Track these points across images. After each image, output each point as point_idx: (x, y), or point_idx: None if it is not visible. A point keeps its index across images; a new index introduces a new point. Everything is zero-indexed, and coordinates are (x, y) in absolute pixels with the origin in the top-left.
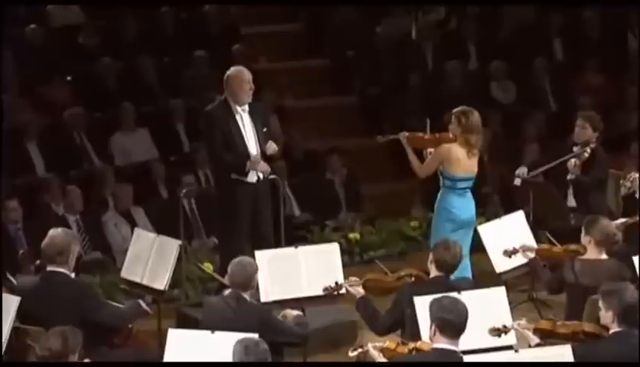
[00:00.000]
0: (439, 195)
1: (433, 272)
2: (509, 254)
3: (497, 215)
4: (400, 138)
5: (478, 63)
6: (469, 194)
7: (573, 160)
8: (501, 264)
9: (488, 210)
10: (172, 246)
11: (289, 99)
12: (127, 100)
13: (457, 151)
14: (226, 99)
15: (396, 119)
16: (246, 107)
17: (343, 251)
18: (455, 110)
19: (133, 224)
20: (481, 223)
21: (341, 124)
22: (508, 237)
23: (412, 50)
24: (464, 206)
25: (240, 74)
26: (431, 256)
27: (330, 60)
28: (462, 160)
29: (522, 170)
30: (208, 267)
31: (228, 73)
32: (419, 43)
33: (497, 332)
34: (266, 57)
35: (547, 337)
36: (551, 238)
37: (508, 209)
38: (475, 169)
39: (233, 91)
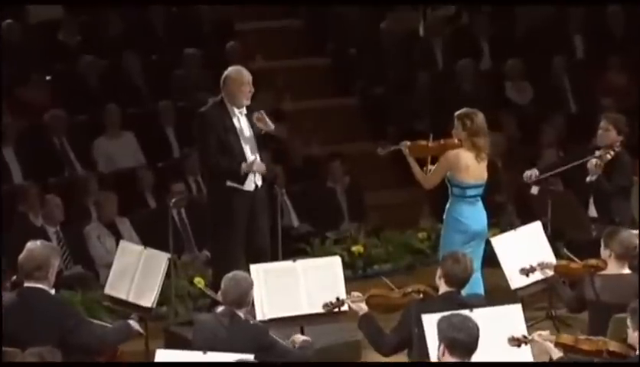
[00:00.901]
0: (447, 204)
1: (442, 288)
2: (526, 272)
3: (512, 226)
4: (402, 149)
5: (492, 62)
6: (480, 203)
7: (594, 160)
8: (517, 279)
9: (502, 221)
10: (160, 260)
11: (287, 101)
12: (112, 101)
13: (465, 156)
14: (223, 101)
15: (402, 122)
16: (244, 110)
17: (345, 265)
18: (457, 113)
19: (118, 236)
20: (494, 234)
21: (343, 127)
22: (524, 250)
23: (420, 48)
24: (475, 215)
25: (240, 75)
26: (440, 270)
27: (331, 59)
28: (471, 166)
29: (531, 173)
30: (199, 282)
31: (227, 73)
32: (428, 40)
33: (517, 342)
34: (263, 55)
35: (569, 352)
36: (569, 254)
37: (524, 220)
38: (485, 175)
39: (232, 92)
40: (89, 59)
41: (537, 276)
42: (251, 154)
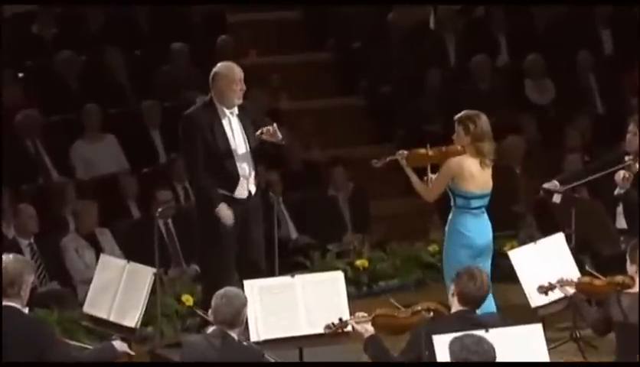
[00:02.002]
0: (450, 217)
1: (455, 306)
2: (544, 290)
3: (531, 239)
4: (398, 159)
5: (510, 58)
6: (485, 215)
7: (621, 172)
8: (537, 296)
9: (521, 232)
10: (145, 275)
11: (284, 101)
12: (91, 101)
13: (469, 163)
14: (212, 100)
15: (411, 124)
16: (236, 110)
17: (348, 281)
18: (458, 116)
19: (98, 249)
20: (512, 247)
21: (345, 130)
22: (545, 264)
23: (430, 42)
24: (480, 229)
25: (230, 72)
26: (453, 287)
27: (332, 54)
28: (476, 174)
29: (552, 185)
30: (188, 300)
31: (216, 69)
32: (439, 33)
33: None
34: (257, 51)
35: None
36: (592, 271)
37: (545, 231)
38: (490, 183)
39: (221, 91)
40: (67, 54)
41: (557, 294)
42: (243, 161)
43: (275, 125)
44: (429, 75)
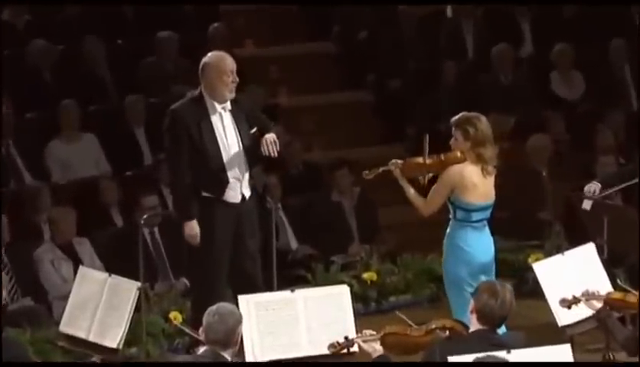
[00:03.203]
0: (448, 230)
1: (474, 325)
2: (568, 304)
3: (559, 250)
4: (391, 169)
5: (535, 48)
6: (487, 229)
7: None
8: (565, 314)
9: (547, 243)
10: (129, 290)
11: (283, 96)
12: (68, 97)
13: (470, 172)
14: (202, 94)
15: (423, 122)
16: (228, 105)
17: (355, 297)
18: (455, 119)
19: (76, 261)
20: (537, 259)
21: (351, 128)
22: (574, 278)
23: (446, 31)
24: (481, 244)
25: (221, 62)
26: (472, 303)
27: (336, 45)
28: (478, 183)
29: (593, 188)
30: (176, 317)
31: (205, 59)
32: (456, 21)
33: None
34: (254, 41)
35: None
36: (625, 286)
37: (575, 241)
38: (493, 193)
39: (211, 83)
40: (41, 44)
41: (585, 310)
42: (234, 161)
43: (273, 136)
44: (444, 67)
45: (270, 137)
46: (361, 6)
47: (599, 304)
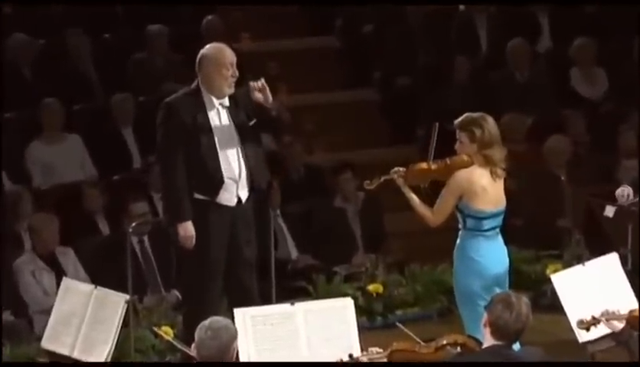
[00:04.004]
0: (458, 241)
1: (488, 340)
2: (586, 326)
3: (579, 260)
4: (394, 178)
5: (553, 43)
6: (500, 237)
7: None
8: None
9: (567, 252)
10: (116, 303)
11: (283, 94)
12: (51, 95)
13: (479, 176)
14: (199, 88)
15: (434, 122)
16: (226, 101)
17: (359, 310)
18: (459, 121)
19: (59, 272)
20: (556, 270)
21: (356, 129)
22: (595, 291)
23: (458, 25)
24: (494, 254)
25: (221, 54)
26: (485, 316)
27: (340, 39)
28: (488, 188)
29: (626, 191)
30: (167, 332)
31: (203, 51)
32: (469, 15)
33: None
34: (250, 35)
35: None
36: None
37: (596, 251)
38: (504, 198)
39: (210, 77)
40: (21, 38)
41: (605, 329)
42: (231, 160)
43: (263, 80)
44: (455, 63)
45: (258, 82)
46: (365, 6)
47: (620, 325)
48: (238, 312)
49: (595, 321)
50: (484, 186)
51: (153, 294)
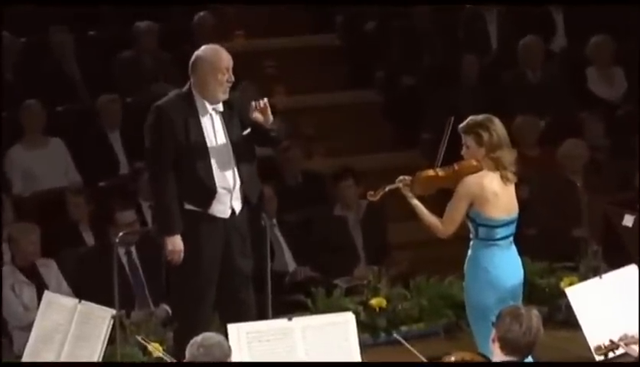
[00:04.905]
0: (469, 252)
1: (497, 356)
2: (604, 352)
3: (596, 272)
4: (399, 187)
5: (568, 40)
6: (514, 247)
7: None
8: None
9: (582, 264)
10: (102, 318)
11: (280, 96)
12: (32, 96)
13: (490, 181)
14: (191, 92)
15: (441, 125)
16: (220, 106)
17: (361, 326)
18: (464, 125)
19: (41, 285)
20: (571, 283)
21: (357, 132)
22: (613, 306)
23: (466, 22)
24: (509, 264)
25: (217, 57)
26: (494, 332)
27: (341, 37)
28: (500, 193)
29: None
30: (156, 348)
31: (198, 53)
32: (477, 10)
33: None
34: (245, 32)
35: None
36: None
37: (614, 263)
38: (516, 204)
39: (204, 81)
40: (1, 36)
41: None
42: (224, 169)
43: (266, 100)
44: (463, 63)
45: (261, 102)
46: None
47: (637, 348)
48: (232, 328)
49: (613, 346)
50: (496, 192)
51: (141, 309)
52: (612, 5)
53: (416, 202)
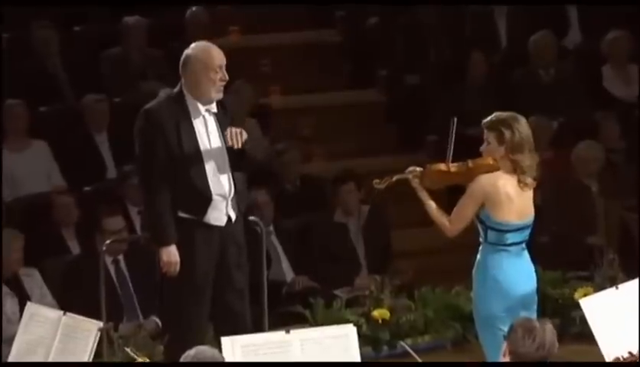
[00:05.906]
0: (478, 257)
1: None
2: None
3: (612, 282)
4: (409, 178)
5: (583, 37)
6: (526, 253)
7: None
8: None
9: (598, 274)
10: (88, 331)
11: (277, 95)
12: (14, 96)
13: (505, 183)
14: (182, 93)
15: (446, 126)
16: (213, 107)
17: (363, 338)
18: (487, 120)
19: (23, 296)
20: (586, 294)
21: (359, 134)
22: (630, 318)
23: (474, 17)
24: (520, 272)
25: (208, 56)
26: (505, 345)
27: (341, 33)
28: (514, 197)
29: None
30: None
31: (188, 51)
32: (487, 5)
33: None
34: (240, 28)
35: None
36: None
37: (631, 272)
38: (532, 210)
39: (196, 81)
40: None
41: None
42: (220, 174)
43: (241, 130)
44: (471, 60)
45: (236, 128)
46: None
47: None
48: (226, 341)
49: (632, 358)
50: (510, 195)
51: (129, 321)
52: None
53: (424, 195)
